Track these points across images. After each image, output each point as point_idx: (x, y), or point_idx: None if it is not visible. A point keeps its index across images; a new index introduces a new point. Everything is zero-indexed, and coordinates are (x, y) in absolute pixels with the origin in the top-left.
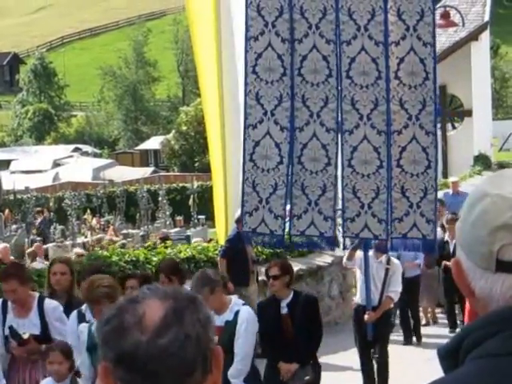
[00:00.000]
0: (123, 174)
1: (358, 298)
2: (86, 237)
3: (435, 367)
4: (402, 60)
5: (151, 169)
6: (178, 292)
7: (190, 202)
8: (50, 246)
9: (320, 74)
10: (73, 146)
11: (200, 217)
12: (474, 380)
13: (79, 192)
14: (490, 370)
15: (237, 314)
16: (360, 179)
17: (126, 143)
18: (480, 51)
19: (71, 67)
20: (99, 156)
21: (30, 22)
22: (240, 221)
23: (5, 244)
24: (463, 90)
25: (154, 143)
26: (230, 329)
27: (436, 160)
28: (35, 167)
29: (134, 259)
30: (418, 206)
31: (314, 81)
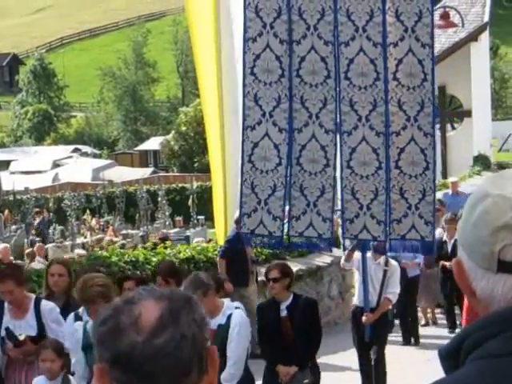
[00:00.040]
0: (123, 174)
1: (356, 300)
2: (86, 237)
3: (435, 368)
4: (400, 61)
5: (151, 169)
6: (174, 293)
7: (190, 202)
8: (49, 247)
9: (318, 76)
10: (72, 147)
11: (199, 217)
12: (474, 381)
13: (79, 192)
14: (490, 371)
15: (229, 318)
16: (359, 180)
17: (125, 144)
18: (479, 52)
19: (71, 68)
20: (99, 156)
21: (30, 23)
22: (239, 222)
23: (5, 244)
24: (463, 90)
25: (153, 144)
26: (222, 332)
27: (434, 161)
28: (35, 168)
29: (134, 259)
30: (417, 208)
31: (312, 82)
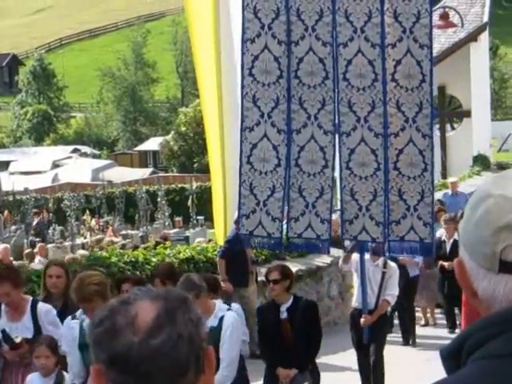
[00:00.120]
0: (122, 174)
1: (355, 302)
2: (86, 238)
3: (434, 368)
4: (398, 62)
5: (150, 170)
6: (169, 293)
7: (189, 202)
8: (49, 247)
9: (317, 77)
10: (72, 147)
11: (199, 217)
12: (476, 381)
13: (78, 193)
14: (492, 371)
15: (221, 320)
16: (358, 181)
17: (124, 144)
18: (479, 52)
19: (70, 68)
20: (98, 157)
21: (29, 24)
22: (238, 223)
23: (5, 245)
24: (462, 90)
25: (152, 144)
26: (214, 335)
27: (432, 163)
28: (34, 168)
29: (133, 260)
30: (415, 209)
31: (310, 83)
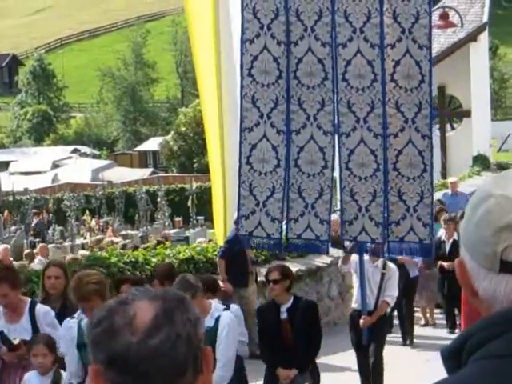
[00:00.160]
0: (122, 175)
1: (354, 303)
2: (85, 238)
3: (434, 368)
4: (397, 63)
5: (150, 170)
6: (167, 293)
7: (189, 202)
8: (49, 247)
9: (316, 77)
10: (72, 147)
11: (199, 218)
12: (477, 381)
13: (78, 193)
14: (493, 371)
15: (217, 320)
16: (357, 182)
17: (124, 144)
18: (479, 52)
19: (70, 69)
20: (98, 157)
21: (29, 24)
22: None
23: (5, 245)
24: (462, 90)
25: (152, 144)
26: (210, 336)
27: (431, 164)
28: (34, 168)
29: (133, 260)
30: (415, 210)
31: (309, 84)
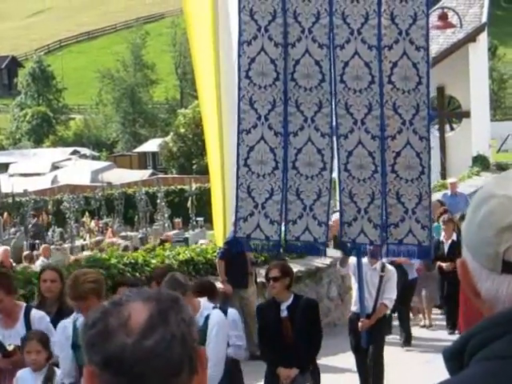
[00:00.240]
0: (121, 176)
1: (353, 306)
2: (85, 239)
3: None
4: (395, 64)
5: (149, 171)
6: (161, 293)
7: (189, 204)
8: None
9: (313, 79)
10: (71, 149)
11: (198, 219)
12: (480, 382)
13: (78, 195)
14: (495, 372)
15: (207, 319)
16: (356, 184)
17: (124, 146)
18: (478, 52)
19: (69, 70)
20: (97, 159)
21: (29, 26)
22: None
23: (5, 247)
24: (461, 91)
25: (152, 146)
26: (200, 335)
27: (429, 166)
28: (34, 170)
29: (133, 262)
30: (414, 212)
31: (306, 85)
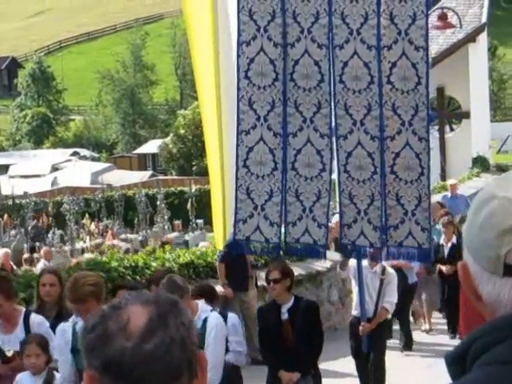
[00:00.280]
0: (121, 178)
1: (354, 310)
2: (85, 242)
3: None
4: (394, 64)
5: (149, 172)
6: (160, 297)
7: (188, 206)
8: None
9: (312, 80)
10: (71, 150)
11: (198, 221)
12: None
13: (78, 196)
14: (497, 377)
15: (205, 322)
16: (356, 185)
17: (124, 147)
18: (477, 53)
19: (69, 71)
20: (97, 160)
21: (28, 27)
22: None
23: (6, 249)
24: (461, 91)
25: (151, 147)
26: (198, 338)
27: (428, 167)
28: (34, 172)
29: (133, 264)
30: (413, 214)
31: (305, 86)
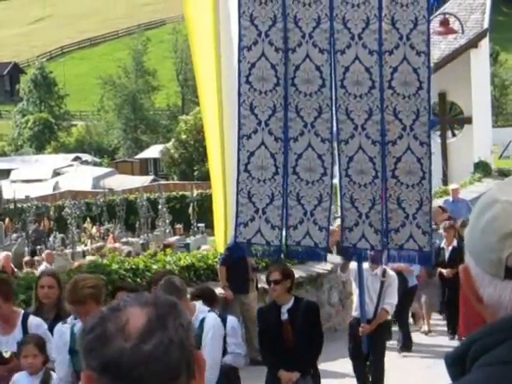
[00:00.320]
0: (123, 182)
1: (354, 311)
2: (86, 245)
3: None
4: (395, 69)
5: (151, 177)
6: (158, 298)
7: (190, 210)
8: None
9: (313, 84)
10: (73, 155)
11: (200, 225)
12: None
13: (79, 201)
14: (497, 378)
15: (202, 322)
16: (357, 189)
17: (125, 152)
18: (479, 58)
19: (71, 77)
20: (99, 165)
21: (30, 32)
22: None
23: (7, 252)
24: (463, 97)
25: (153, 152)
26: (196, 338)
27: (430, 171)
28: (35, 176)
29: (134, 267)
30: (414, 218)
31: (306, 91)
